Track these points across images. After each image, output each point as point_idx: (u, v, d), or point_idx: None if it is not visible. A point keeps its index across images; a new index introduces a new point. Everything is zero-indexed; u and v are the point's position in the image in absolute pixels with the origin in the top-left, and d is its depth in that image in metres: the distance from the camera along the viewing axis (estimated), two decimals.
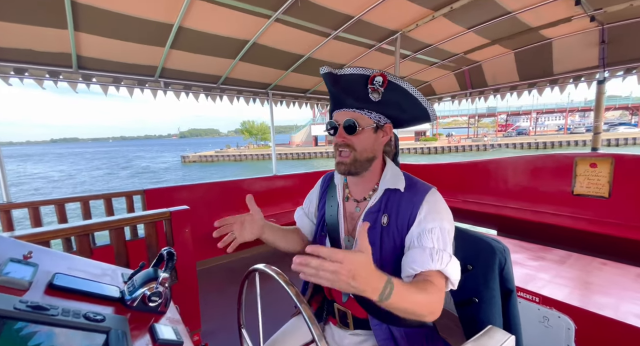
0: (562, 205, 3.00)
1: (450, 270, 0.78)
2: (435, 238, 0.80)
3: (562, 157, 3.03)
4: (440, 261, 0.77)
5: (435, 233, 0.80)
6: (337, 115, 0.92)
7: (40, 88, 2.34)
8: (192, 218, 1.93)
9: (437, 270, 0.77)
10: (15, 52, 2.04)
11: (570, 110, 51.52)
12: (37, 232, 1.37)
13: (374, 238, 0.88)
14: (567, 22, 2.58)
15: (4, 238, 0.72)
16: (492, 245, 0.89)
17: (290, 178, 3.84)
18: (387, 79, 0.83)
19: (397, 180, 0.91)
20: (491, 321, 0.86)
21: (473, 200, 3.71)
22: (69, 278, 0.70)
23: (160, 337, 0.64)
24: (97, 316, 0.58)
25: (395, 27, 2.64)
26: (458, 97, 4.16)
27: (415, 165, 4.52)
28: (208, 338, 1.98)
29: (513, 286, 0.90)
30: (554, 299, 1.43)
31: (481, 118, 61.09)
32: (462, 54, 3.29)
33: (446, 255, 0.78)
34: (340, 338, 0.97)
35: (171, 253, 0.85)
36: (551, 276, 1.67)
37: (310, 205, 1.14)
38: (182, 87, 2.99)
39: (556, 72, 3.15)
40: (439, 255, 0.77)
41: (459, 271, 0.80)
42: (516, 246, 2.11)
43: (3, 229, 2.14)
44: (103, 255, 2.10)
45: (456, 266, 0.79)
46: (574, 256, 1.93)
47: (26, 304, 0.51)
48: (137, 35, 2.17)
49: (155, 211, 1.78)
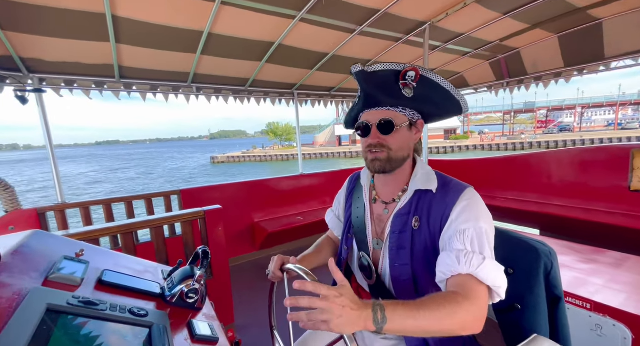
0: (617, 202, 2.72)
1: (485, 274, 0.68)
2: (467, 240, 0.73)
3: (616, 149, 2.75)
4: (469, 264, 0.69)
5: (468, 234, 0.73)
6: (368, 115, 0.88)
7: (87, 98, 2.55)
8: (224, 216, 2.00)
9: (467, 274, 0.69)
10: (64, 65, 2.24)
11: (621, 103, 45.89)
12: (88, 230, 1.50)
13: (404, 242, 0.85)
14: (619, 0, 2.31)
15: (59, 237, 0.79)
16: (537, 248, 0.82)
17: (317, 177, 3.86)
18: (420, 73, 0.79)
19: (429, 179, 0.87)
20: (536, 330, 0.80)
21: (512, 197, 3.48)
22: (116, 274, 0.75)
23: (198, 333, 0.67)
24: (141, 312, 0.62)
25: (423, 18, 2.53)
26: (495, 87, 3.91)
27: (447, 160, 4.33)
28: (241, 332, 2.06)
29: (561, 292, 0.82)
30: (608, 306, 1.31)
31: (517, 114, 56.57)
32: (497, 42, 3.08)
33: (478, 258, 0.70)
34: (371, 341, 0.95)
35: (206, 252, 0.89)
36: (605, 281, 1.52)
37: (339, 207, 1.13)
38: (212, 91, 3.11)
39: (608, 55, 2.85)
40: (468, 257, 0.70)
41: (502, 276, 0.70)
42: (563, 247, 1.95)
43: (58, 227, 2.37)
44: (145, 251, 2.25)
45: (495, 270, 0.70)
46: (632, 259, 1.74)
47: (78, 300, 0.55)
48: (170, 43, 2.29)
49: (191, 210, 1.87)
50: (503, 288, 0.70)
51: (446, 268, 0.72)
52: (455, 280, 0.70)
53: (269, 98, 3.54)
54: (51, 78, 2.30)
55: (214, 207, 1.93)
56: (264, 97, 3.49)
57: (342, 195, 1.12)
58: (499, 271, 0.70)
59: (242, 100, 3.37)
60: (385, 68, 0.80)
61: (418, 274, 0.83)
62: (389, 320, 0.60)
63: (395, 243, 0.86)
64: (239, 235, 3.32)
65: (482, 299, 0.68)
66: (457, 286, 0.69)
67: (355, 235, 0.98)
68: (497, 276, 0.69)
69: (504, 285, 0.70)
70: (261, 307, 2.30)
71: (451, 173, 0.92)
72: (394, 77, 0.81)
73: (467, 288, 0.67)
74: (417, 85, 0.81)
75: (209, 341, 0.67)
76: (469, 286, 0.68)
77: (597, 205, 2.84)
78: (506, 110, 53.69)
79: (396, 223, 0.87)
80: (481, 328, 0.66)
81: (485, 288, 0.69)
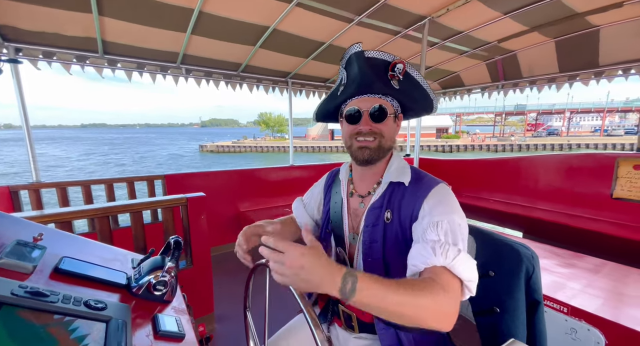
0: (599, 208, 2.78)
1: (460, 266, 0.65)
2: (442, 231, 0.70)
3: (602, 156, 2.79)
4: (445, 255, 0.66)
5: (443, 226, 0.71)
6: (359, 102, 0.85)
7: (68, 73, 2.41)
8: (209, 204, 1.95)
9: (442, 266, 0.66)
10: (42, 35, 2.10)
11: (608, 110, 47.28)
12: (61, 212, 1.43)
13: (376, 235, 0.83)
14: (618, 8, 2.31)
15: (16, 219, 0.73)
16: (519, 251, 0.81)
17: (307, 169, 3.81)
18: (405, 68, 0.81)
19: (402, 172, 0.86)
20: (513, 334, 0.79)
21: (498, 199, 3.53)
22: (77, 262, 0.70)
23: (162, 329, 0.63)
24: (98, 304, 0.58)
25: (423, 12, 2.48)
26: (489, 89, 3.90)
27: (437, 160, 4.34)
28: (220, 321, 2.03)
29: (541, 297, 0.81)
30: (584, 310, 1.33)
31: (508, 116, 57.71)
32: (495, 42, 3.06)
33: (454, 249, 0.67)
34: (345, 340, 0.93)
35: (178, 242, 0.84)
36: (582, 285, 1.55)
37: (311, 198, 1.10)
38: (202, 74, 3.00)
39: (602, 63, 2.87)
40: (444, 248, 0.67)
41: (475, 271, 0.67)
42: (545, 251, 1.98)
43: (32, 208, 2.27)
44: (123, 236, 2.18)
45: (469, 264, 0.67)
46: (609, 265, 1.78)
47: (25, 290, 0.50)
48: (158, 20, 2.17)
49: (172, 197, 1.81)
50: (474, 283, 0.68)
51: (421, 260, 0.68)
52: (432, 271, 0.66)
53: (262, 85, 3.44)
54: (28, 48, 2.16)
55: (197, 194, 1.87)
56: (257, 84, 3.39)
57: (317, 188, 1.10)
58: (472, 265, 0.68)
59: (234, 86, 3.27)
60: (379, 56, 0.81)
61: (391, 268, 0.81)
62: (358, 293, 0.56)
63: (369, 237, 0.85)
64: (225, 223, 3.27)
65: (457, 293, 0.65)
66: (435, 277, 0.65)
67: (332, 230, 0.96)
68: (470, 270, 0.67)
69: (475, 280, 0.68)
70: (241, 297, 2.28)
71: (440, 172, 0.90)
72: (384, 67, 0.81)
73: (444, 278, 0.64)
74: (403, 78, 0.82)
75: (174, 337, 0.63)
76: (445, 279, 0.64)
77: (580, 210, 2.90)
78: (497, 112, 54.47)
79: (369, 216, 0.86)
80: (452, 326, 0.62)
81: (459, 283, 0.66)
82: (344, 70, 0.85)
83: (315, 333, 0.57)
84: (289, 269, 0.56)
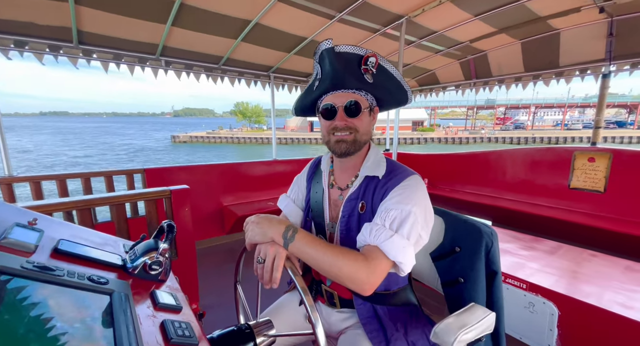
0: (557, 198, 3.04)
1: (389, 248, 0.74)
2: (389, 218, 0.78)
3: (561, 150, 3.05)
4: (377, 237, 0.76)
5: (392, 214, 0.78)
6: (334, 98, 0.88)
7: (39, 61, 2.31)
8: (192, 198, 1.96)
9: (374, 245, 0.76)
10: (15, 24, 2.01)
11: (569, 105, 50.65)
12: (40, 204, 1.40)
13: (352, 224, 0.90)
14: (576, 13, 2.52)
15: (10, 206, 0.74)
16: (480, 229, 0.92)
17: (289, 163, 3.86)
18: (378, 61, 0.83)
19: (378, 166, 0.91)
20: (474, 300, 0.90)
21: (470, 191, 3.75)
22: (73, 244, 0.73)
23: (161, 301, 0.68)
24: (100, 279, 0.62)
25: (401, 12, 2.59)
26: (462, 86, 4.11)
27: (414, 154, 4.53)
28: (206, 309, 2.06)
29: (498, 268, 0.93)
30: (540, 286, 1.49)
31: (479, 110, 60.27)
32: (467, 42, 3.23)
33: (387, 233, 0.76)
34: (328, 315, 1.01)
35: (171, 226, 0.88)
36: (540, 265, 1.72)
37: (298, 191, 1.12)
38: (183, 66, 2.95)
39: (562, 64, 3.11)
40: (378, 231, 0.77)
41: (407, 255, 0.75)
42: (509, 236, 2.16)
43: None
44: (104, 230, 2.15)
45: (401, 247, 0.75)
46: (564, 247, 1.97)
47: (33, 264, 0.54)
48: (137, 10, 2.13)
49: (156, 189, 1.81)
50: (406, 264, 0.76)
51: (361, 238, 0.81)
52: (366, 248, 0.78)
53: (244, 79, 3.43)
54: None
55: (182, 187, 1.88)
56: (239, 78, 3.39)
57: (301, 179, 1.12)
58: (404, 248, 0.75)
59: (215, 79, 3.25)
60: (351, 51, 0.82)
61: None
62: (295, 241, 0.75)
63: (345, 227, 0.92)
64: (207, 218, 3.26)
65: (379, 266, 0.75)
66: (365, 252, 0.77)
67: (313, 218, 1.01)
68: (400, 252, 0.75)
69: (406, 262, 0.76)
70: (227, 289, 2.31)
71: (417, 166, 0.99)
72: (357, 61, 0.83)
73: (372, 255, 0.75)
74: (376, 72, 0.84)
75: (173, 309, 0.68)
76: (374, 254, 0.76)
77: (541, 200, 3.15)
78: (470, 106, 56.66)
79: (346, 207, 0.92)
80: (369, 292, 0.74)
81: (387, 260, 0.75)
82: (318, 65, 0.87)
83: (305, 299, 0.64)
84: (250, 225, 0.80)
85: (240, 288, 0.95)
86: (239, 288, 0.95)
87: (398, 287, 0.95)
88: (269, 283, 0.74)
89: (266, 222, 0.78)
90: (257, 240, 0.78)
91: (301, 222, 1.08)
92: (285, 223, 0.78)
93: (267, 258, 0.74)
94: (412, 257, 0.77)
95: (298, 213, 1.09)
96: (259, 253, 0.77)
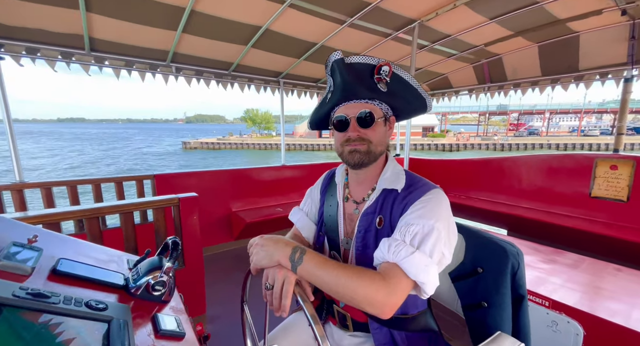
0: (578, 207, 2.91)
1: (409, 266, 0.68)
2: (409, 234, 0.72)
3: (582, 157, 2.92)
4: (397, 254, 0.70)
5: (413, 230, 0.73)
6: (346, 109, 0.85)
7: (52, 70, 2.34)
8: (201, 204, 1.93)
9: (393, 263, 0.70)
10: (26, 31, 2.03)
11: (585, 111, 49.29)
12: (48, 213, 1.39)
13: (369, 240, 0.85)
14: (597, 15, 2.43)
15: (10, 220, 0.72)
16: (506, 249, 0.85)
17: (299, 169, 3.82)
18: (392, 69, 0.80)
19: (397, 179, 0.86)
20: (500, 327, 0.83)
21: (484, 198, 3.63)
22: (74, 264, 0.70)
23: (163, 328, 0.64)
24: (99, 305, 0.58)
25: (413, 16, 2.53)
26: (476, 91, 4.01)
27: (426, 160, 4.44)
28: (213, 322, 2.02)
29: (525, 292, 0.86)
30: (564, 304, 1.40)
31: (491, 116, 59.14)
32: (482, 46, 3.15)
33: (408, 249, 0.70)
34: (340, 338, 0.95)
35: (176, 243, 0.84)
36: (563, 280, 1.62)
37: (311, 204, 1.07)
38: (193, 72, 2.96)
39: (582, 68, 3.00)
40: (398, 247, 0.71)
41: (430, 274, 0.69)
42: (528, 247, 2.06)
43: (15, 209, 2.20)
44: (113, 237, 2.14)
45: (422, 265, 0.68)
46: (587, 260, 1.87)
47: (26, 291, 0.50)
48: (148, 18, 2.14)
49: (164, 197, 1.79)
50: (428, 285, 0.69)
51: (379, 255, 0.75)
52: (383, 266, 0.72)
53: (254, 85, 3.43)
54: (11, 44, 2.08)
55: (189, 195, 1.85)
56: (248, 83, 3.38)
57: (315, 192, 1.08)
58: (427, 267, 0.69)
59: (225, 85, 3.25)
60: (362, 61, 0.80)
61: None
62: (304, 263, 0.70)
63: (361, 243, 0.86)
64: (216, 224, 3.24)
65: (399, 286, 0.68)
66: (383, 271, 0.71)
67: (326, 233, 0.96)
68: (421, 271, 0.68)
69: (429, 283, 0.69)
70: (234, 297, 2.27)
71: (429, 172, 0.93)
72: (369, 71, 0.81)
73: (391, 273, 0.69)
74: (390, 80, 0.81)
75: (175, 336, 0.64)
76: (392, 272, 0.69)
77: (560, 208, 3.02)
78: (481, 112, 55.79)
79: (362, 222, 0.87)
80: (388, 315, 0.67)
81: (407, 280, 0.69)
82: (330, 77, 0.85)
83: (315, 328, 0.59)
84: (254, 248, 0.76)
85: (247, 309, 0.91)
86: (246, 309, 0.91)
87: (418, 311, 0.88)
88: (279, 311, 0.69)
89: (272, 244, 0.74)
90: (264, 265, 0.74)
91: (314, 236, 1.03)
92: (292, 244, 0.74)
93: (275, 283, 0.70)
94: (436, 277, 0.71)
95: (311, 227, 1.04)
96: (266, 278, 0.73)
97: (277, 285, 0.69)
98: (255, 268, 0.76)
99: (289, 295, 0.68)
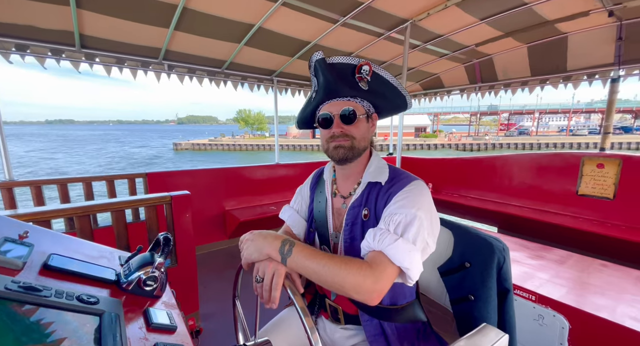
0: (565, 204, 2.97)
1: (393, 252, 0.70)
2: (393, 223, 0.75)
3: (569, 156, 2.99)
4: (381, 242, 0.73)
5: (397, 219, 0.75)
6: (330, 107, 0.89)
7: (42, 67, 2.31)
8: (193, 203, 1.93)
9: (379, 251, 0.73)
10: (15, 27, 2.00)
11: (574, 111, 50.21)
12: (38, 211, 1.38)
13: (356, 232, 0.87)
14: (585, 16, 2.48)
15: (0, 217, 0.71)
16: (492, 244, 0.88)
17: (292, 167, 3.83)
18: (372, 69, 0.84)
19: (380, 172, 0.90)
20: (486, 319, 0.85)
21: (475, 196, 3.69)
22: (65, 259, 0.70)
23: (154, 321, 0.64)
24: (90, 299, 0.58)
25: (405, 16, 2.56)
26: (467, 90, 4.07)
27: (418, 158, 4.48)
28: (205, 320, 2.02)
29: (510, 286, 0.89)
30: (550, 298, 1.44)
31: (483, 116, 59.77)
32: (473, 46, 3.19)
33: (392, 237, 0.72)
34: (332, 331, 0.97)
35: (168, 239, 0.85)
36: (550, 276, 1.66)
37: (301, 202, 1.09)
38: (186, 70, 2.94)
39: (570, 68, 3.06)
40: (383, 236, 0.73)
41: (414, 260, 0.71)
42: (516, 244, 2.10)
43: (5, 207, 2.16)
44: (104, 236, 2.12)
45: (406, 251, 0.70)
46: (574, 257, 1.92)
47: (18, 284, 0.50)
48: (140, 15, 2.12)
49: (156, 195, 1.78)
50: (413, 270, 0.71)
51: (365, 245, 0.77)
52: (370, 255, 0.75)
53: (247, 83, 3.42)
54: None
55: (182, 193, 1.85)
56: (242, 82, 3.37)
57: (305, 189, 1.10)
58: (410, 253, 0.71)
59: (218, 83, 3.23)
60: (343, 61, 0.85)
61: None
62: (293, 255, 0.72)
63: (349, 235, 0.89)
64: (209, 222, 3.23)
65: (385, 273, 0.70)
66: (369, 259, 0.74)
67: (317, 229, 0.99)
68: (405, 257, 0.70)
69: (413, 268, 0.71)
70: (228, 295, 2.28)
71: (421, 171, 0.95)
72: (350, 70, 0.85)
73: (377, 261, 0.72)
74: (371, 79, 0.85)
75: (167, 329, 0.65)
76: (378, 259, 0.72)
77: (548, 206, 3.09)
78: (472, 112, 56.34)
79: (350, 215, 0.90)
80: (376, 301, 0.69)
81: (392, 266, 0.71)
82: (314, 77, 0.89)
83: (304, 320, 0.61)
84: (245, 244, 0.79)
85: (239, 304, 0.92)
86: (238, 304, 0.92)
87: (406, 301, 0.90)
88: (269, 303, 0.70)
89: (261, 238, 0.76)
90: (254, 259, 0.76)
91: (305, 233, 1.05)
92: (281, 237, 0.75)
93: (265, 276, 0.71)
94: (419, 263, 0.73)
95: (302, 224, 1.06)
96: (257, 271, 0.74)
97: (267, 277, 0.71)
98: (246, 262, 0.77)
99: (279, 287, 0.70)
